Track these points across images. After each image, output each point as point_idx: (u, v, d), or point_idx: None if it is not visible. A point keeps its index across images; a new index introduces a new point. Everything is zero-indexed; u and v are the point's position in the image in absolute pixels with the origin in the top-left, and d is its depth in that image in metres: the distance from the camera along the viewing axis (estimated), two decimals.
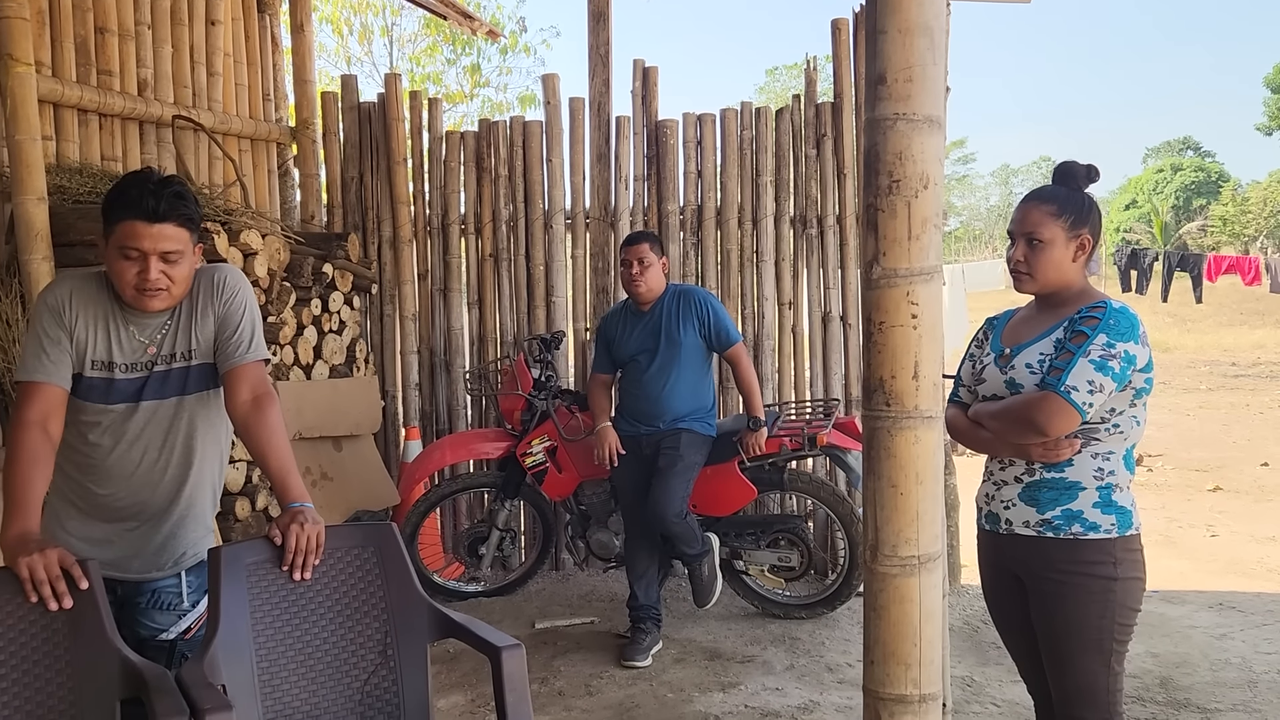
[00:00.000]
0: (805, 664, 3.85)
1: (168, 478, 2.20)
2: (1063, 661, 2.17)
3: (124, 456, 2.16)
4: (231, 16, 4.98)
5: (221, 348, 2.18)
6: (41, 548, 1.91)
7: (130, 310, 2.13)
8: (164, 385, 2.17)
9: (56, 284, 2.17)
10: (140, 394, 2.15)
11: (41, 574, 1.87)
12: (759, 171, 5.04)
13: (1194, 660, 3.81)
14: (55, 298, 2.12)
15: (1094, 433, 2.15)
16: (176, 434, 2.20)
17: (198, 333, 2.18)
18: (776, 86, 34.94)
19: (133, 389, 2.15)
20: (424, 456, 4.77)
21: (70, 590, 1.90)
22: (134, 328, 2.15)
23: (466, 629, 2.15)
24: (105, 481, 2.17)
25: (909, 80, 1.39)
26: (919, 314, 1.43)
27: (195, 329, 2.18)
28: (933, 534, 1.48)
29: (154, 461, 2.18)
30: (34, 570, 1.87)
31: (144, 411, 2.16)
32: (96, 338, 2.13)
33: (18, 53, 3.47)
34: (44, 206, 3.50)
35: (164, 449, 2.19)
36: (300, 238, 4.63)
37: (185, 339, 2.18)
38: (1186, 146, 46.82)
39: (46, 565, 1.88)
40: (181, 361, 2.18)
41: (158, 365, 2.16)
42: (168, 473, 2.20)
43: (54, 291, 2.14)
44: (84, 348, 2.12)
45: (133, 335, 2.15)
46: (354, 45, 15.03)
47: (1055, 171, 2.30)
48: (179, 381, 2.18)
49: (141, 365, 2.15)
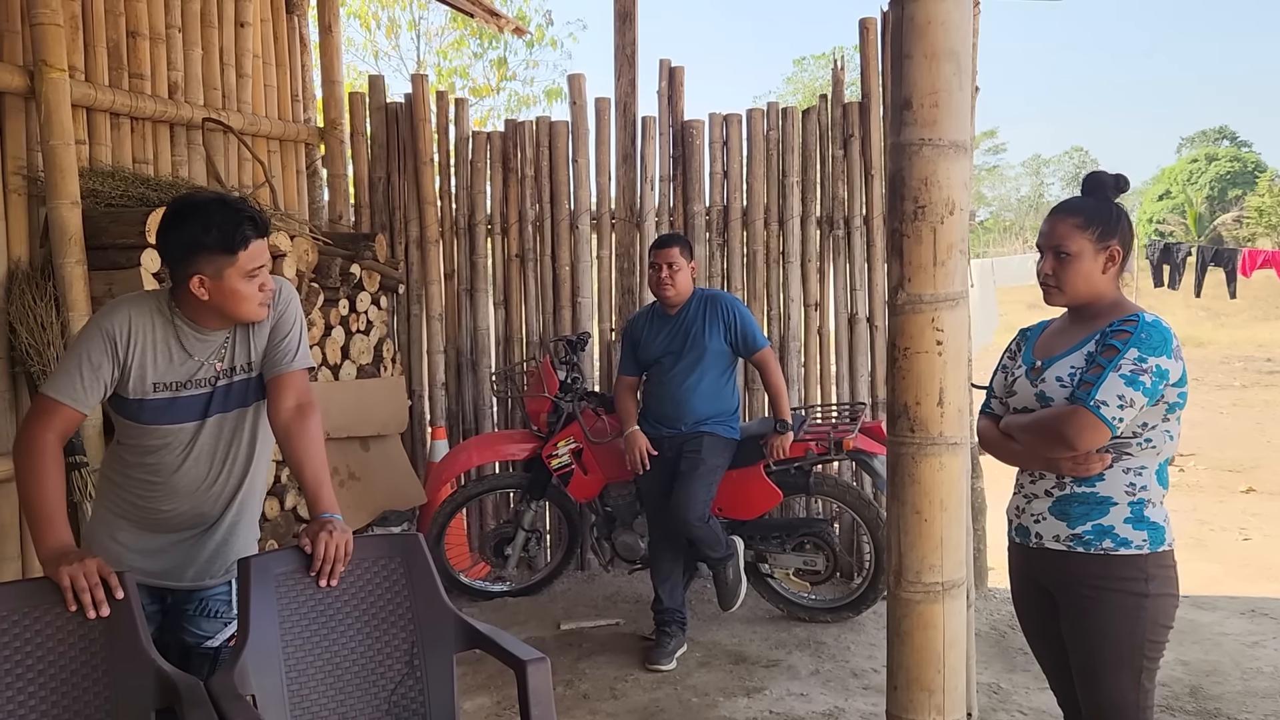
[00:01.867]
0: (830, 669, 3.84)
1: (228, 488, 2.26)
2: (1093, 677, 2.16)
3: (189, 472, 2.21)
4: (260, 18, 5.02)
5: (270, 354, 2.24)
6: (80, 557, 1.95)
7: (194, 329, 2.17)
8: (228, 399, 2.22)
9: (115, 309, 2.16)
10: (206, 410, 2.20)
11: (82, 582, 1.92)
12: (785, 172, 5.02)
13: (1225, 668, 3.77)
14: (112, 324, 2.12)
15: (1125, 447, 2.13)
16: (239, 445, 2.26)
17: (255, 344, 2.24)
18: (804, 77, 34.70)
19: (199, 406, 2.20)
20: (451, 457, 4.80)
21: (107, 600, 1.94)
22: (197, 346, 2.19)
23: (492, 641, 2.17)
24: (169, 497, 2.21)
25: (935, 105, 1.38)
26: (944, 340, 1.43)
27: (253, 340, 2.24)
28: (957, 560, 1.47)
29: (218, 474, 2.24)
30: (74, 579, 1.92)
31: (210, 426, 2.21)
32: (158, 361, 2.16)
33: (52, 59, 3.52)
34: (78, 210, 3.55)
35: (227, 460, 2.25)
36: (328, 238, 4.66)
37: (245, 351, 2.23)
38: (1222, 136, 46.02)
39: (86, 574, 1.93)
40: (243, 374, 2.24)
41: (220, 380, 2.21)
42: (229, 484, 2.26)
43: (111, 318, 2.14)
44: (144, 372, 2.14)
45: (196, 353, 2.19)
46: (381, 40, 15.11)
47: (1084, 182, 2.28)
48: (241, 394, 2.24)
49: (206, 381, 2.20)
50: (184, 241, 2.09)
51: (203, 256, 2.07)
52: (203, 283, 2.09)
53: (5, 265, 3.53)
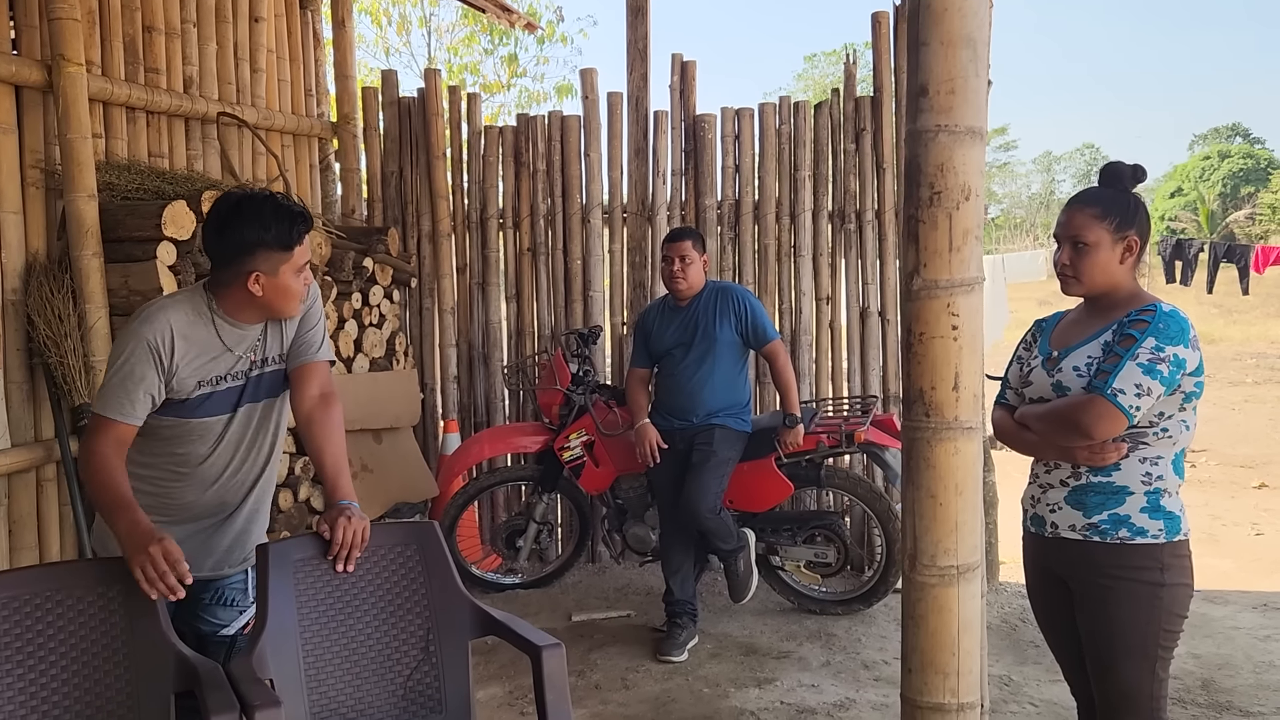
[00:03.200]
0: (841, 660, 3.85)
1: (250, 477, 2.29)
2: (1107, 666, 2.16)
3: (216, 462, 2.24)
4: (274, 13, 5.04)
5: (295, 346, 2.28)
6: (150, 540, 1.95)
7: (233, 324, 2.18)
8: (258, 389, 2.26)
9: (155, 317, 2.12)
10: (239, 401, 2.23)
11: (152, 573, 1.93)
12: (797, 166, 5.02)
13: (1237, 662, 3.77)
14: (155, 335, 2.09)
15: (1142, 437, 2.13)
16: (265, 434, 2.29)
17: (285, 335, 2.28)
18: (815, 73, 34.63)
19: (233, 398, 2.22)
20: (463, 450, 4.82)
21: (130, 585, 1.96)
22: (236, 341, 2.20)
23: (507, 627, 2.19)
24: (194, 488, 2.24)
25: (951, 92, 1.38)
26: (960, 325, 1.43)
27: (284, 332, 2.27)
28: (971, 544, 1.48)
29: (242, 462, 2.27)
30: (144, 568, 1.93)
31: (241, 416, 2.24)
32: (201, 359, 2.16)
33: (69, 53, 3.55)
34: (94, 203, 3.57)
35: (253, 449, 2.28)
36: (341, 232, 4.68)
37: (277, 343, 2.27)
38: (1235, 133, 45.75)
39: (154, 563, 1.93)
40: (273, 365, 2.27)
41: (254, 371, 2.24)
42: (251, 472, 2.29)
43: (153, 326, 2.10)
44: (189, 373, 2.15)
45: (235, 348, 2.21)
46: (392, 36, 15.11)
47: (1101, 172, 2.28)
48: (271, 384, 2.28)
49: (241, 374, 2.23)
50: (242, 240, 2.09)
51: (260, 254, 2.09)
52: (258, 280, 2.10)
53: (23, 258, 3.56)
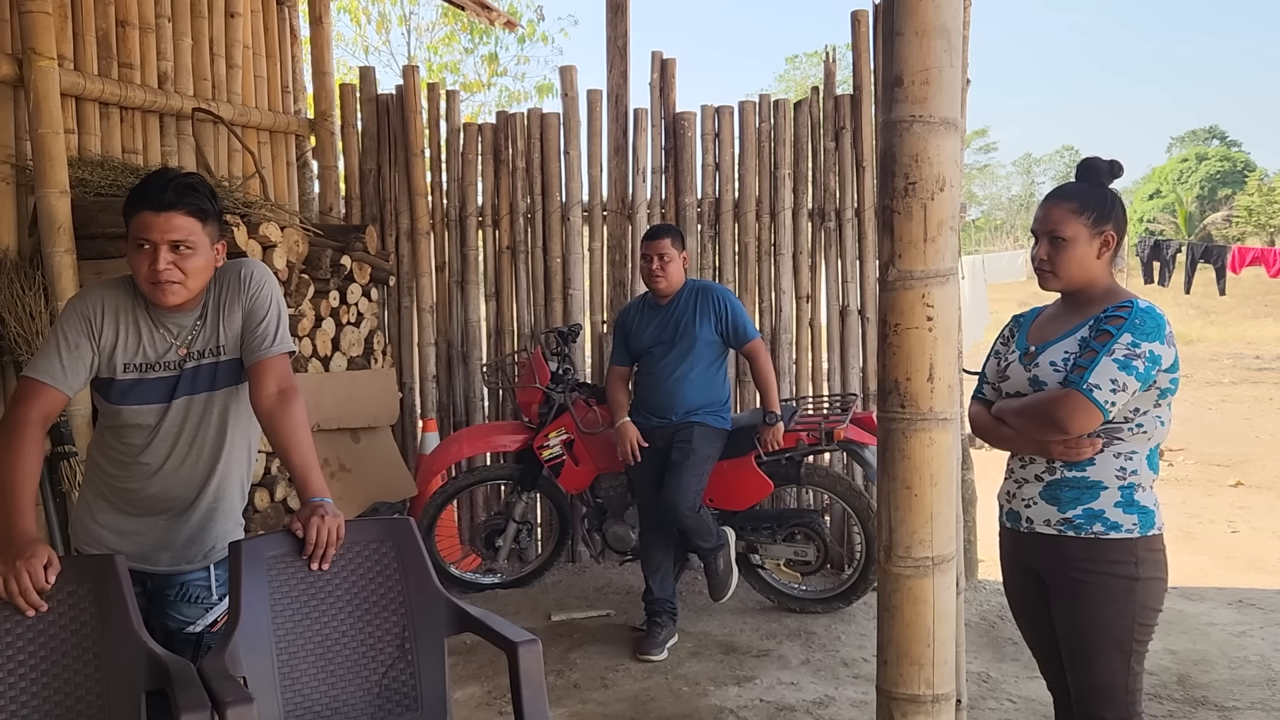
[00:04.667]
0: (821, 658, 3.85)
1: (197, 472, 2.24)
2: (1083, 660, 2.17)
3: (155, 453, 2.20)
4: (250, 9, 5.01)
5: (247, 341, 2.21)
6: (21, 553, 1.89)
7: (162, 312, 2.16)
8: (194, 382, 2.20)
9: (88, 291, 2.21)
10: (173, 392, 2.19)
11: (13, 586, 1.87)
12: (777, 164, 5.03)
13: (1212, 658, 3.79)
14: (86, 304, 2.16)
15: (1117, 432, 2.14)
16: (207, 429, 2.23)
17: (225, 327, 2.21)
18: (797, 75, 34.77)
19: (166, 388, 2.19)
20: (441, 449, 4.79)
21: (100, 583, 1.93)
22: (166, 329, 2.18)
23: (483, 623, 2.17)
24: (136, 476, 2.21)
25: (926, 82, 1.38)
26: (935, 316, 1.43)
27: (223, 324, 2.21)
28: (946, 535, 1.48)
29: (184, 456, 2.22)
30: (5, 580, 1.87)
31: (176, 408, 2.20)
32: (129, 341, 2.16)
33: (40, 47, 3.51)
34: (66, 199, 3.54)
35: (194, 444, 2.23)
36: (319, 230, 4.65)
37: (214, 335, 2.21)
38: (1212, 136, 46.25)
39: (17, 577, 1.87)
40: (210, 358, 2.22)
41: (188, 363, 2.20)
42: (197, 467, 2.24)
43: (85, 299, 2.18)
44: (115, 352, 2.15)
45: (165, 336, 2.18)
46: (372, 34, 15.05)
47: (1078, 168, 2.29)
48: (208, 377, 2.22)
49: (174, 364, 2.19)
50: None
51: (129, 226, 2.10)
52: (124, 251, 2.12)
53: None
